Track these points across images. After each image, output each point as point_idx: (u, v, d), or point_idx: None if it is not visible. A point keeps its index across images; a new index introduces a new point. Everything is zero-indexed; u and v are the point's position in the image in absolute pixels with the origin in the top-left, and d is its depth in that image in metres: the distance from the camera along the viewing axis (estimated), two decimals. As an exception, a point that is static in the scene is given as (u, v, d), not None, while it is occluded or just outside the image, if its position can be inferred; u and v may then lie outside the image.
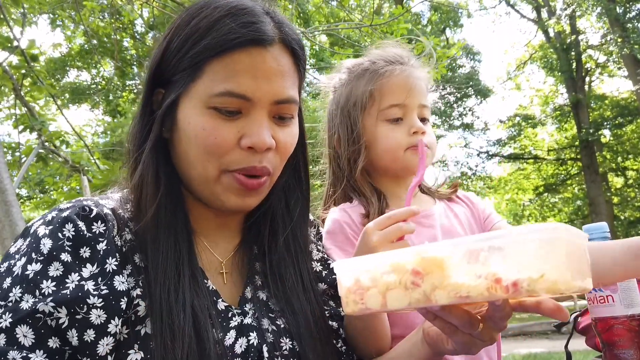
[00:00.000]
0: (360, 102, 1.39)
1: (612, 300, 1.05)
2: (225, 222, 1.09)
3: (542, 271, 0.65)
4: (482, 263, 0.70)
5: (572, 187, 22.77)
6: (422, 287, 0.73)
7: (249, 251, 1.10)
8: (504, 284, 0.68)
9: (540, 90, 23.81)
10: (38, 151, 4.45)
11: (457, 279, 0.71)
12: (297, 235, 1.12)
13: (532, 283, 0.66)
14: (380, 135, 1.37)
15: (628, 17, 18.52)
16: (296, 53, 1.00)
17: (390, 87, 1.37)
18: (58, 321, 0.80)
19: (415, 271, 0.74)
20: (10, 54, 4.21)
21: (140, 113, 1.01)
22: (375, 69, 1.40)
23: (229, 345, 0.94)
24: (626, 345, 1.04)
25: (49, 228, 0.88)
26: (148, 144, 0.97)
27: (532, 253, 0.66)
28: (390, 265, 0.77)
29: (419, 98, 1.38)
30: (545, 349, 9.64)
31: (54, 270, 0.84)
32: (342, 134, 1.42)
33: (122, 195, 1.02)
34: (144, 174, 0.96)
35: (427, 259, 0.73)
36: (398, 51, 1.46)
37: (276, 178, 1.04)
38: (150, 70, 1.00)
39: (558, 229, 0.67)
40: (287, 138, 1.00)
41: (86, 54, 13.56)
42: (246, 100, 0.92)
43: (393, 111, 1.36)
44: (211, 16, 0.94)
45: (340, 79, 1.50)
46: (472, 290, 0.70)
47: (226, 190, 0.97)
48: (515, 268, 0.67)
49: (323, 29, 6.58)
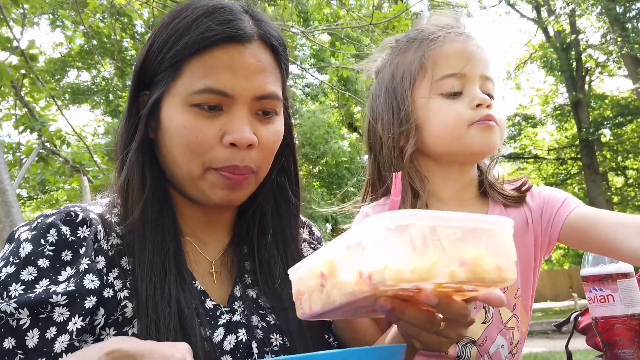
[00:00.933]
0: (409, 75, 1.16)
1: (613, 300, 1.05)
2: (214, 221, 1.10)
3: (386, 261, 0.62)
4: (354, 258, 0.68)
5: (573, 187, 22.76)
6: (326, 287, 0.73)
7: (239, 250, 1.11)
8: (364, 277, 0.64)
9: (540, 89, 23.84)
10: (38, 151, 4.46)
11: (343, 277, 0.69)
12: (287, 234, 1.12)
13: (378, 274, 0.62)
14: (435, 111, 1.13)
15: (628, 16, 18.52)
16: (276, 49, 1.00)
17: (445, 55, 1.14)
18: (19, 322, 0.80)
19: (322, 274, 0.74)
20: (10, 54, 4.21)
21: (126, 115, 1.02)
22: (425, 35, 1.18)
23: (217, 342, 0.94)
24: (626, 345, 1.04)
25: (32, 233, 0.88)
26: (134, 144, 0.98)
27: (382, 243, 0.63)
28: (310, 270, 0.77)
29: (481, 68, 1.14)
30: (546, 349, 9.65)
31: (26, 274, 0.84)
32: (387, 117, 1.20)
33: (111, 200, 1.03)
34: (129, 174, 0.96)
35: (326, 260, 0.73)
36: (451, 17, 1.24)
37: (263, 176, 1.04)
38: (135, 73, 1.01)
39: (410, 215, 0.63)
40: (270, 135, 1.00)
41: (86, 55, 13.56)
42: (226, 96, 0.93)
43: (449, 82, 1.12)
44: (190, 16, 0.95)
45: (382, 59, 1.29)
46: (354, 286, 0.67)
47: (212, 186, 0.97)
48: (372, 260, 0.64)
49: (323, 28, 6.57)
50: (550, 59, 22.10)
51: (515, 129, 22.89)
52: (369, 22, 5.27)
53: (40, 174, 6.04)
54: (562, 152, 22.76)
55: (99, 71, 15.23)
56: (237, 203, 1.03)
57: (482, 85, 1.13)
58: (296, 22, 8.38)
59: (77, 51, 13.59)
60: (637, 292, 1.05)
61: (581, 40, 20.80)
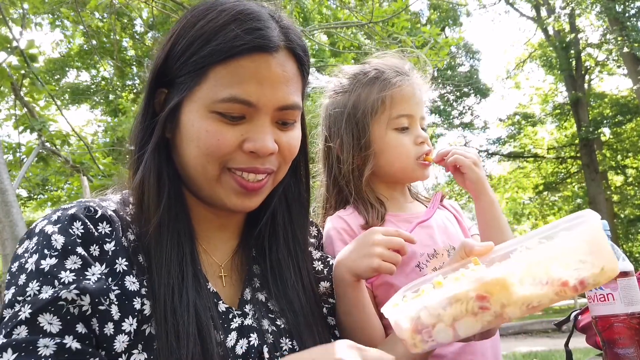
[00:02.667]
0: (371, 109, 1.42)
1: (613, 299, 1.05)
2: (225, 223, 1.10)
3: (601, 265, 0.77)
4: (544, 272, 0.78)
5: (572, 186, 22.76)
6: (491, 308, 0.78)
7: (247, 253, 1.11)
8: (571, 284, 0.77)
9: (540, 88, 23.81)
10: (38, 151, 4.45)
11: (524, 292, 0.77)
12: (297, 236, 1.12)
13: (596, 277, 0.77)
14: (391, 143, 1.42)
15: (627, 15, 18.50)
16: (301, 59, 1.00)
17: (401, 98, 1.42)
18: (81, 309, 0.80)
19: (480, 296, 0.79)
20: (9, 54, 4.20)
21: (142, 113, 1.01)
22: (386, 78, 1.44)
23: (230, 347, 0.94)
24: (626, 344, 1.04)
25: (57, 226, 0.88)
26: (150, 145, 0.97)
27: (586, 251, 0.78)
28: (449, 298, 0.80)
29: (422, 110, 1.46)
30: (546, 348, 9.65)
31: (71, 263, 0.83)
32: (347, 141, 1.45)
33: (122, 197, 1.02)
34: (145, 175, 0.96)
35: (489, 283, 0.78)
36: (401, 62, 1.51)
37: (279, 179, 1.05)
38: (153, 71, 1.00)
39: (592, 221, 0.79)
40: (291, 141, 1.01)
41: (85, 55, 13.55)
42: (250, 106, 0.93)
43: (402, 120, 1.42)
44: (217, 20, 0.93)
45: (341, 84, 1.52)
46: (542, 298, 0.78)
47: (227, 191, 0.97)
48: (573, 267, 0.77)
49: (322, 27, 6.56)
50: (549, 58, 22.09)
51: (514, 128, 22.90)
52: (369, 20, 5.26)
53: (40, 174, 6.05)
54: (562, 150, 22.75)
55: (98, 71, 15.22)
56: (250, 209, 1.03)
57: (421, 123, 1.46)
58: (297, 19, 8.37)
59: (77, 51, 13.57)
60: (637, 291, 1.05)
61: (581, 39, 20.78)
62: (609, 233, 1.14)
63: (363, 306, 1.16)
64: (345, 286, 1.15)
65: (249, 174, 0.96)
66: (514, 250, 0.90)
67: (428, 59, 5.03)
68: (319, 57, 8.39)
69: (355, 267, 1.13)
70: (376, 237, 1.12)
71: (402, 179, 1.50)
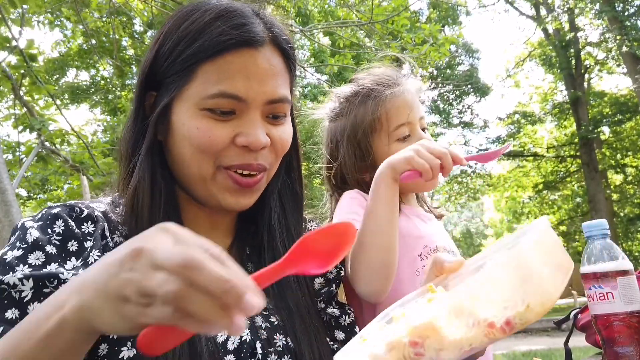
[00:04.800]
0: (370, 129, 1.46)
1: (612, 297, 1.05)
2: (218, 222, 1.10)
3: (527, 300, 0.65)
4: (469, 313, 0.69)
5: (572, 185, 22.78)
6: (426, 354, 0.72)
7: (241, 252, 1.11)
8: (498, 326, 0.68)
9: (540, 87, 23.81)
10: (38, 151, 4.45)
11: (454, 336, 0.69)
12: (292, 233, 1.12)
13: (522, 316, 0.66)
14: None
15: (627, 14, 18.49)
16: (287, 53, 1.01)
17: (395, 109, 1.45)
18: (21, 294, 0.80)
19: (412, 342, 0.72)
20: (9, 53, 4.20)
21: (133, 117, 1.02)
22: (376, 95, 1.47)
23: (221, 342, 0.94)
24: (626, 342, 1.04)
25: (38, 223, 0.89)
26: (143, 148, 0.97)
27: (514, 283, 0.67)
28: (387, 345, 0.74)
29: (418, 112, 1.49)
30: (546, 346, 9.66)
31: (34, 258, 0.84)
32: (350, 160, 1.48)
33: (113, 199, 1.03)
34: (140, 179, 0.96)
35: (418, 327, 0.72)
36: (388, 72, 1.55)
37: (272, 174, 1.05)
38: (141, 74, 1.01)
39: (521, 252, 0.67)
40: (283, 135, 1.01)
41: (85, 54, 13.53)
42: (239, 100, 0.93)
43: (402, 130, 1.45)
44: (201, 19, 0.95)
45: (334, 108, 1.57)
46: (473, 340, 0.69)
47: (222, 189, 0.98)
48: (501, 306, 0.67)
49: (322, 26, 6.56)
50: (549, 57, 22.09)
51: (514, 127, 22.89)
52: (368, 19, 5.25)
53: (40, 173, 6.04)
54: (562, 149, 22.76)
55: (97, 70, 15.21)
56: (246, 207, 1.04)
57: (420, 124, 1.48)
58: (296, 22, 8.36)
59: (76, 50, 13.56)
60: (636, 290, 1.05)
61: (580, 38, 20.78)
62: (608, 232, 1.14)
63: (390, 211, 1.21)
64: (380, 181, 1.21)
65: (243, 170, 0.97)
66: (483, 264, 0.84)
67: (429, 56, 4.97)
68: (318, 57, 8.40)
69: (394, 159, 1.20)
70: (421, 141, 1.21)
71: (414, 189, 1.53)
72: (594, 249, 1.11)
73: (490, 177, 24.13)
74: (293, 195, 1.14)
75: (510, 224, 26.77)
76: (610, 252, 1.09)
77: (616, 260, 1.08)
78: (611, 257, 1.09)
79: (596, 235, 1.12)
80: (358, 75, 1.58)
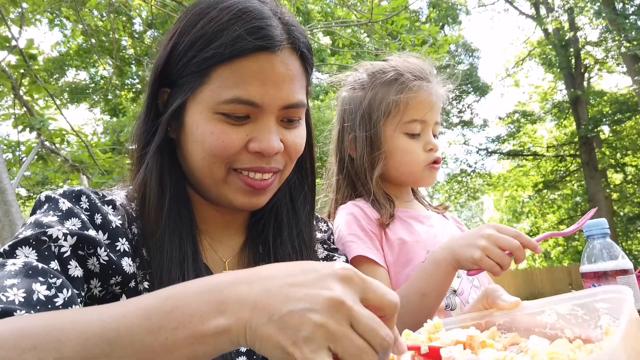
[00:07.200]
0: (385, 109, 1.42)
1: (612, 296, 1.05)
2: (231, 221, 1.10)
3: None
4: None
5: (572, 184, 22.78)
6: None
7: (255, 250, 1.10)
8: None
9: (539, 86, 23.81)
10: (38, 150, 4.45)
11: None
12: (303, 232, 1.12)
13: None
14: (400, 147, 1.43)
15: (626, 13, 18.48)
16: (304, 56, 0.99)
17: (416, 102, 1.42)
18: (60, 249, 0.80)
19: None
20: (9, 53, 4.20)
21: (144, 113, 1.01)
22: (404, 81, 1.43)
23: None
24: (626, 341, 1.04)
25: (65, 195, 0.90)
26: (153, 145, 0.97)
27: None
28: None
29: (436, 116, 1.45)
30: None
31: (70, 224, 0.84)
32: (360, 137, 1.45)
33: (127, 193, 1.03)
34: (147, 176, 0.96)
35: None
36: (423, 65, 1.50)
37: (286, 175, 1.05)
38: (155, 71, 0.99)
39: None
40: (296, 139, 1.00)
41: (84, 53, 13.53)
42: (254, 106, 0.92)
43: (413, 126, 1.42)
44: (218, 19, 0.92)
45: (359, 79, 1.52)
46: None
47: (234, 191, 0.97)
48: None
49: (322, 26, 6.56)
50: (549, 56, 22.08)
51: (514, 126, 22.90)
52: (368, 19, 5.25)
53: (40, 172, 6.04)
54: (561, 149, 22.76)
55: (97, 70, 15.21)
56: (258, 207, 1.03)
57: (433, 129, 1.46)
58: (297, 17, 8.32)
59: (76, 50, 13.56)
60: (636, 289, 1.06)
61: (580, 37, 20.78)
62: (608, 231, 1.14)
63: (441, 295, 1.18)
64: (439, 267, 1.17)
65: (255, 173, 0.96)
66: (542, 312, 0.80)
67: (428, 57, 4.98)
68: (318, 56, 8.39)
69: (459, 253, 1.13)
70: (487, 231, 1.11)
71: (410, 183, 1.53)
72: (594, 248, 1.12)
73: (490, 176, 24.14)
74: (304, 196, 1.14)
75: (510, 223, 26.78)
76: (610, 252, 1.09)
77: (616, 259, 1.08)
78: (611, 256, 1.09)
79: (596, 235, 1.13)
80: (393, 57, 1.54)
